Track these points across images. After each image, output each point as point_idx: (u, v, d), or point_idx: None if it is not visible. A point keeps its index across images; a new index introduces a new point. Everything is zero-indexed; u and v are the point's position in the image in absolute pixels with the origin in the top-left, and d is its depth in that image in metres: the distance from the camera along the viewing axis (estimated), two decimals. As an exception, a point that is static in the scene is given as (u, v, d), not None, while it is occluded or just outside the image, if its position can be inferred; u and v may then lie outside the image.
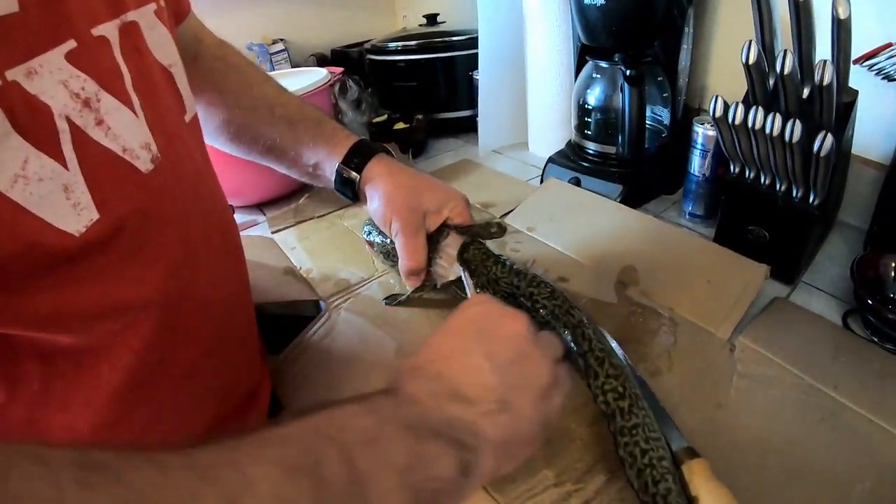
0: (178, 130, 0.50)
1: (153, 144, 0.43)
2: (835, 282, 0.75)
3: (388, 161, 0.69)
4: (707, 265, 0.73)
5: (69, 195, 0.36)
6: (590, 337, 0.54)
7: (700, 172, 0.88)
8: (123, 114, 0.41)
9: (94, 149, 0.38)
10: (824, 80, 0.60)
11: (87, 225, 0.37)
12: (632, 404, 0.49)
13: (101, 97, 0.39)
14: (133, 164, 0.42)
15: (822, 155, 0.62)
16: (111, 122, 0.40)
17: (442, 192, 0.69)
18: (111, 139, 0.40)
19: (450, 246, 0.67)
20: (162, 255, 0.44)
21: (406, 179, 0.67)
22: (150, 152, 0.43)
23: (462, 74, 1.36)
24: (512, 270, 0.62)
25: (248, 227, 1.05)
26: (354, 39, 1.69)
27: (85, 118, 0.38)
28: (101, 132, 0.39)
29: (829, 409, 0.55)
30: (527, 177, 1.14)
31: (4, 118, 0.32)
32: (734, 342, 0.63)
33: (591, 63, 1.01)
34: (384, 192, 0.66)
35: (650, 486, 0.45)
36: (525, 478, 0.50)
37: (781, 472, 0.49)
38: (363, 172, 0.68)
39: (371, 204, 0.68)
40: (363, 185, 0.68)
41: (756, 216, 0.76)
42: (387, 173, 0.68)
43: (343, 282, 0.80)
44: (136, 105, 0.42)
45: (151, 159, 0.43)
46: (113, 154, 0.40)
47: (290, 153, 0.71)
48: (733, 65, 0.97)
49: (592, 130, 1.02)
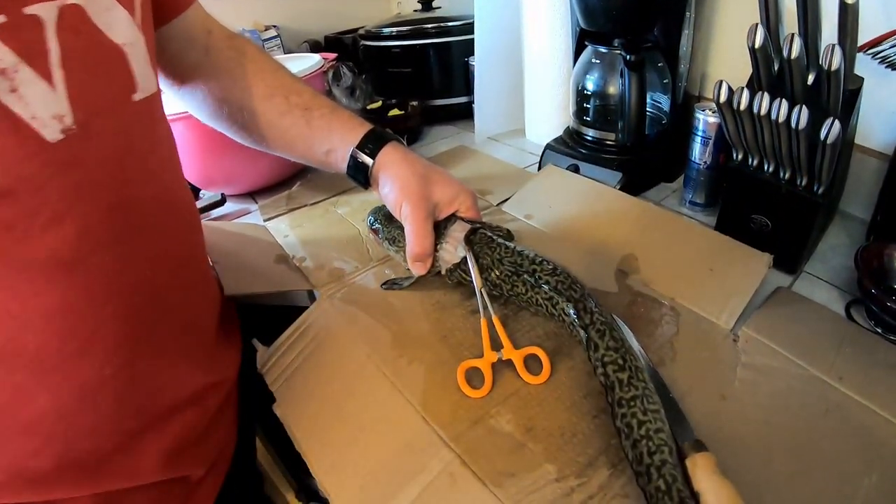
0: (116, 107, 0.50)
1: (68, 116, 0.44)
2: (837, 272, 0.74)
3: (403, 149, 0.71)
4: (709, 254, 0.72)
5: None
6: (591, 310, 0.56)
7: (701, 160, 0.87)
8: (39, 86, 0.42)
9: (2, 113, 0.40)
10: (832, 65, 0.58)
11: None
12: (631, 376, 0.50)
13: (20, 69, 0.41)
14: (39, 131, 0.43)
15: (829, 142, 0.61)
16: (25, 91, 0.41)
17: (453, 186, 0.71)
18: (22, 107, 0.41)
19: (456, 231, 0.69)
20: (59, 228, 0.44)
21: (420, 168, 0.69)
22: (61, 123, 0.44)
23: (458, 60, 1.35)
24: (515, 251, 0.64)
25: (241, 215, 1.03)
26: (348, 26, 1.67)
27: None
28: (14, 98, 0.41)
29: (835, 400, 0.54)
30: (524, 164, 1.13)
31: None
32: (737, 332, 0.62)
33: (590, 48, 0.99)
34: (398, 177, 0.68)
35: (644, 457, 0.45)
36: (526, 473, 0.48)
37: (787, 466, 0.48)
38: (377, 157, 0.69)
39: (383, 188, 0.69)
40: (377, 170, 0.70)
41: (758, 204, 0.75)
42: (401, 160, 0.69)
43: (337, 271, 0.79)
44: (56, 79, 0.44)
45: (62, 130, 0.44)
46: (20, 120, 0.42)
47: (304, 140, 0.73)
48: (735, 51, 0.96)
49: (591, 117, 1.01)
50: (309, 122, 0.72)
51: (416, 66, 1.36)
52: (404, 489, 0.48)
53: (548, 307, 0.61)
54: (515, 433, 0.52)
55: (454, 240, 0.68)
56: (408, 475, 0.49)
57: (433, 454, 0.51)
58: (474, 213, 0.71)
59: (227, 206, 1.06)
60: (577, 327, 0.57)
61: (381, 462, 0.51)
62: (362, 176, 0.71)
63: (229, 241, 0.85)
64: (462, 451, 0.51)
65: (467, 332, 0.64)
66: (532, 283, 0.62)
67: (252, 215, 1.02)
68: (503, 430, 0.52)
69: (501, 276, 0.64)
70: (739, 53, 0.64)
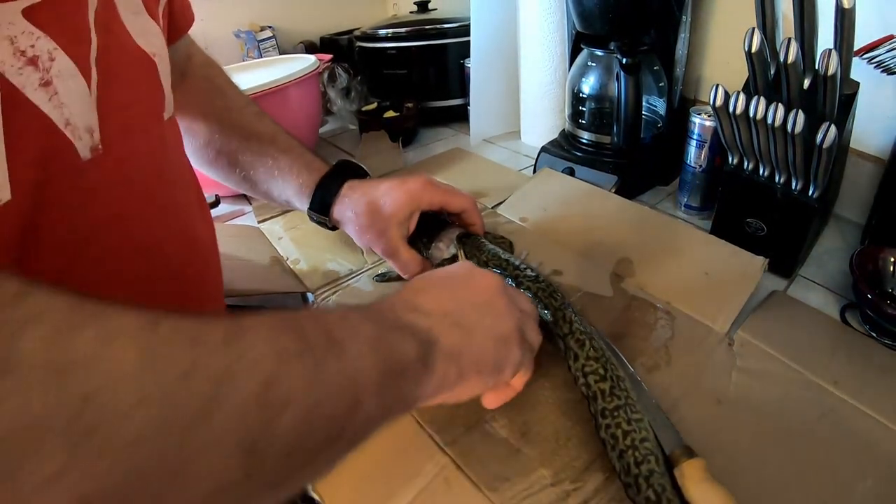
0: (145, 126, 0.45)
1: (97, 132, 0.38)
2: (832, 276, 0.74)
3: (350, 194, 0.68)
4: (704, 257, 0.71)
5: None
6: (570, 319, 0.55)
7: (696, 163, 0.87)
8: (78, 83, 0.36)
9: (27, 114, 0.33)
10: (829, 69, 0.58)
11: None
12: (613, 386, 0.49)
13: (57, 57, 0.34)
14: (74, 143, 0.36)
15: (825, 147, 0.61)
16: (60, 86, 0.34)
17: (400, 193, 0.67)
18: (55, 106, 0.34)
19: (451, 233, 0.70)
20: (87, 267, 0.39)
21: (366, 207, 0.67)
22: (91, 139, 0.37)
23: (453, 62, 1.34)
24: (502, 257, 0.65)
25: (235, 216, 1.02)
26: (344, 27, 1.67)
27: (26, 77, 0.33)
28: (44, 96, 0.34)
29: (829, 405, 0.54)
30: (519, 167, 1.13)
31: None
32: (732, 336, 0.62)
33: (585, 51, 0.99)
34: (354, 229, 0.68)
35: (632, 468, 0.44)
36: (521, 477, 0.48)
37: (782, 470, 0.48)
38: (331, 214, 0.69)
39: (352, 235, 0.70)
40: (336, 224, 0.71)
41: (754, 208, 0.75)
42: (351, 209, 0.68)
43: (331, 273, 0.79)
44: (93, 81, 0.37)
45: (91, 148, 0.37)
46: (51, 124, 0.35)
47: (262, 186, 0.71)
48: (730, 56, 0.96)
49: (587, 119, 1.01)
50: (265, 167, 0.70)
51: (411, 67, 1.36)
52: (399, 493, 0.48)
53: None
54: (510, 438, 0.52)
55: (448, 240, 0.69)
56: (402, 479, 0.49)
57: (428, 458, 0.51)
58: (475, 219, 0.70)
59: (222, 207, 1.05)
60: (554, 335, 0.56)
61: (375, 466, 0.51)
62: (328, 228, 0.72)
63: (223, 243, 0.85)
64: (457, 456, 0.50)
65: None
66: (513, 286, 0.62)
67: (246, 217, 1.02)
68: (498, 435, 0.52)
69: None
70: (735, 57, 0.64)
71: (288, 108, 1.05)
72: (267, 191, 0.71)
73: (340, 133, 1.40)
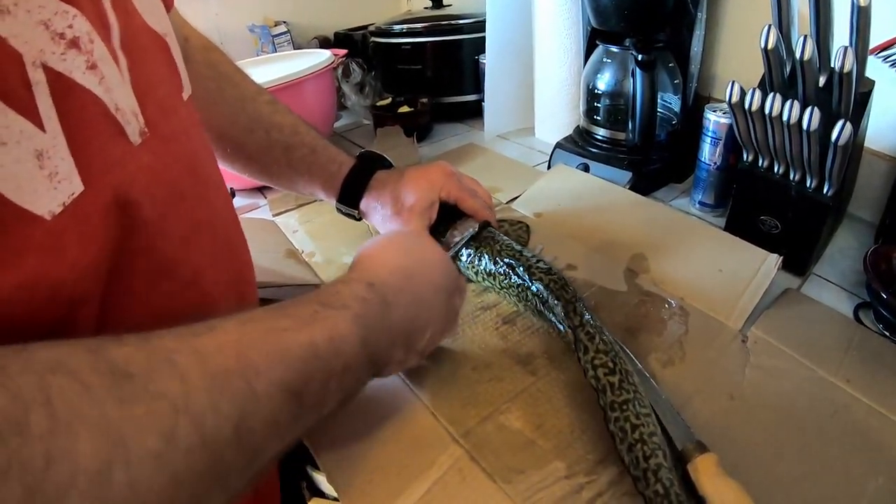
0: (175, 106, 0.43)
1: (140, 115, 0.36)
2: (846, 274, 0.74)
3: (376, 186, 0.72)
4: (718, 254, 0.72)
5: (43, 163, 0.28)
6: (581, 312, 0.57)
7: (711, 161, 0.87)
8: (112, 68, 0.33)
9: (81, 100, 0.31)
10: (845, 67, 0.58)
11: (66, 202, 0.29)
12: (622, 380, 0.50)
13: (94, 39, 0.32)
14: (124, 127, 0.34)
15: (840, 144, 0.61)
16: (105, 70, 0.32)
17: (422, 183, 0.72)
18: (105, 90, 0.32)
19: (466, 223, 0.73)
20: (149, 254, 0.37)
21: (391, 198, 0.71)
22: (137, 122, 0.36)
23: (468, 58, 1.34)
24: (516, 249, 0.67)
25: (250, 210, 1.03)
26: (358, 22, 1.67)
27: (71, 62, 0.30)
28: (94, 78, 0.31)
29: (842, 402, 0.54)
30: (533, 163, 1.13)
31: None
32: (746, 333, 0.62)
33: (601, 47, 0.99)
34: (378, 219, 0.73)
35: (641, 462, 0.45)
36: (535, 469, 0.48)
37: (794, 467, 0.48)
38: (359, 206, 0.73)
39: (376, 225, 0.75)
40: (362, 215, 0.75)
41: (768, 205, 0.75)
42: (377, 200, 0.72)
43: (346, 266, 0.78)
44: (121, 64, 0.35)
45: (139, 132, 0.36)
46: (105, 109, 0.33)
47: (286, 180, 0.73)
48: (746, 53, 0.96)
49: (601, 116, 1.01)
50: (290, 162, 0.70)
51: (425, 63, 1.36)
52: (413, 485, 0.48)
53: (537, 303, 0.62)
54: (525, 430, 0.52)
55: (463, 228, 0.72)
56: (416, 471, 0.49)
57: (442, 450, 0.51)
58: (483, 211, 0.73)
59: (237, 200, 1.05)
60: (566, 328, 0.57)
61: (389, 457, 0.51)
62: (354, 219, 0.76)
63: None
64: (471, 447, 0.51)
65: (476, 326, 0.65)
66: (526, 279, 0.63)
67: (261, 210, 1.02)
68: (513, 427, 0.52)
69: (497, 268, 0.67)
70: (750, 55, 0.64)
71: (303, 102, 1.06)
72: (291, 184, 0.73)
73: (354, 128, 1.41)
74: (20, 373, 0.24)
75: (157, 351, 0.29)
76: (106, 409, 0.25)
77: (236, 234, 0.53)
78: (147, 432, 0.26)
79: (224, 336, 0.33)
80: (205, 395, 0.29)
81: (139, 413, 0.26)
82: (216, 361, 0.31)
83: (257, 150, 0.69)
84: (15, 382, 0.23)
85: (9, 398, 0.23)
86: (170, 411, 0.27)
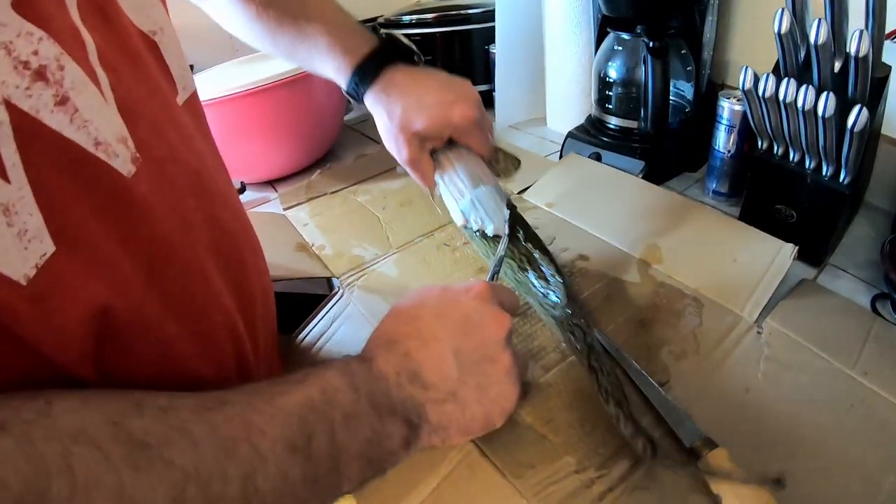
0: (170, 117, 0.40)
1: (130, 140, 0.32)
2: (862, 265, 0.73)
3: (388, 91, 0.64)
4: (733, 244, 0.71)
5: (11, 219, 0.25)
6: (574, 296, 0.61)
7: (725, 149, 0.86)
8: (91, 92, 0.30)
9: (50, 144, 0.27)
10: (860, 51, 0.57)
11: (39, 264, 0.27)
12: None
13: (65, 64, 0.28)
14: (110, 164, 0.30)
15: (857, 130, 0.60)
16: (79, 101, 0.28)
17: (441, 116, 0.64)
18: (78, 127, 0.28)
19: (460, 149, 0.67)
20: (167, 286, 0.36)
21: (401, 115, 0.63)
22: (127, 149, 0.32)
23: (478, 48, 1.33)
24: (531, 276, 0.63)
25: (260, 204, 1.03)
26: (368, 14, 1.66)
27: (37, 99, 0.26)
28: (63, 117, 0.28)
29: (859, 396, 0.53)
30: (545, 153, 1.12)
31: None
32: (761, 325, 0.61)
33: (612, 35, 0.98)
34: (382, 128, 0.65)
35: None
36: (545, 464, 0.48)
37: (810, 461, 0.47)
38: (365, 98, 0.65)
39: (378, 129, 0.66)
40: (369, 106, 0.66)
41: (783, 194, 0.74)
42: (384, 107, 0.64)
43: (357, 258, 0.79)
44: (103, 84, 0.31)
45: (131, 160, 0.32)
46: (80, 151, 0.29)
47: (306, 63, 0.69)
48: (759, 39, 0.94)
49: (613, 105, 1.00)
50: (304, 40, 0.66)
51: (435, 53, 1.35)
52: (423, 480, 0.48)
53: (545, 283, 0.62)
54: (535, 424, 0.52)
55: (457, 153, 0.67)
56: (426, 466, 0.49)
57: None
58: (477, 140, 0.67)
59: (247, 194, 1.06)
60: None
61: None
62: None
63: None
64: (481, 442, 0.50)
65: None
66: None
67: (271, 204, 1.02)
68: (523, 422, 0.52)
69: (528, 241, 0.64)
70: (763, 41, 0.62)
71: (312, 94, 1.05)
72: (308, 61, 0.68)
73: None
74: (44, 440, 0.25)
75: (173, 422, 0.31)
76: (122, 475, 0.27)
77: (248, 244, 0.52)
78: (158, 495, 0.28)
79: (232, 409, 0.34)
80: (213, 461, 0.31)
81: (152, 479, 0.28)
82: (225, 430, 0.32)
83: (284, 33, 0.66)
84: (39, 450, 0.25)
85: (32, 467, 0.24)
86: (180, 477, 0.29)
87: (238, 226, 0.49)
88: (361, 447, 0.39)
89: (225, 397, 0.35)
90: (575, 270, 0.72)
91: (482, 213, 0.63)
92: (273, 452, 0.34)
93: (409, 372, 0.44)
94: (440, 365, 0.45)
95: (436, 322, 0.47)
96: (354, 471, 0.39)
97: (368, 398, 0.41)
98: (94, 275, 0.30)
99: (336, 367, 0.41)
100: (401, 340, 0.46)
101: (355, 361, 0.44)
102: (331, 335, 0.67)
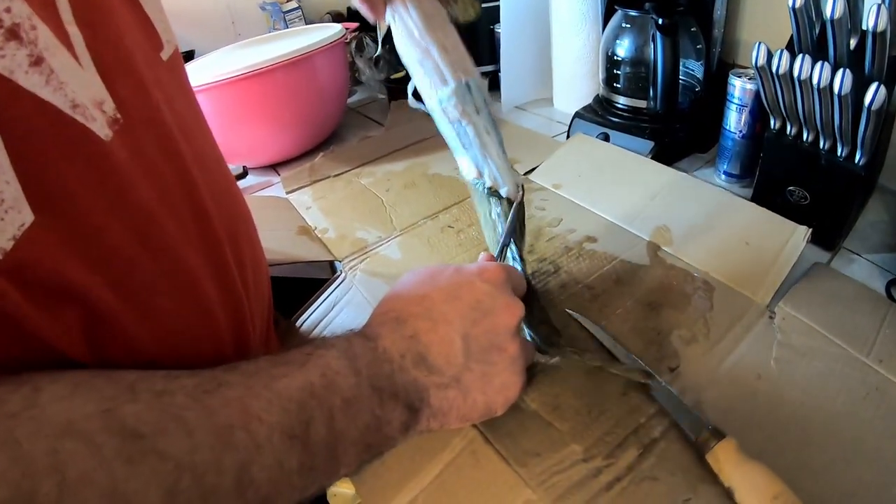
0: (153, 74, 0.38)
1: (108, 102, 0.31)
2: (877, 249, 0.71)
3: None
4: (744, 226, 0.69)
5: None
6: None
7: (736, 129, 0.83)
8: (63, 55, 0.28)
9: (27, 106, 0.26)
10: (878, 26, 0.55)
11: (17, 235, 0.25)
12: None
13: (37, 25, 0.26)
14: (88, 126, 0.29)
15: (874, 109, 0.58)
16: (54, 63, 0.27)
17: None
18: (55, 89, 0.27)
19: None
20: (152, 256, 0.34)
21: None
22: (103, 113, 0.30)
23: (483, 28, 1.31)
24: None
25: (263, 187, 1.02)
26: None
27: (11, 59, 0.25)
28: (39, 78, 0.26)
29: (874, 384, 0.51)
30: (552, 133, 1.10)
31: None
32: (774, 309, 0.59)
33: (620, 12, 0.95)
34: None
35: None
36: (551, 452, 0.47)
37: (824, 450, 0.46)
38: None
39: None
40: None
41: (797, 176, 0.72)
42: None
43: (360, 241, 0.78)
44: (77, 47, 0.29)
45: (109, 122, 0.31)
46: (58, 113, 0.28)
47: None
48: (771, 17, 0.92)
49: (622, 84, 0.97)
50: None
51: (440, 34, 1.33)
52: (425, 467, 0.47)
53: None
54: (541, 411, 0.51)
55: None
56: (429, 453, 0.48)
57: (455, 431, 0.50)
58: None
59: (250, 178, 1.05)
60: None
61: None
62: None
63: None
64: (485, 429, 0.50)
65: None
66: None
67: (274, 188, 1.01)
68: (528, 409, 0.51)
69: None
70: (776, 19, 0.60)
71: (315, 77, 1.04)
72: None
73: (369, 102, 1.39)
74: (31, 438, 0.24)
75: (168, 408, 0.30)
76: (114, 470, 0.26)
77: (242, 211, 0.51)
78: (151, 489, 0.27)
79: (230, 392, 0.33)
80: (209, 452, 0.30)
81: (146, 473, 0.27)
82: (222, 416, 0.32)
83: None
84: (26, 451, 0.24)
85: (19, 472, 0.23)
86: (174, 469, 0.28)
87: (220, 188, 0.47)
88: (360, 433, 0.39)
89: (223, 378, 0.34)
90: (583, 252, 0.70)
91: (494, 171, 0.62)
92: (270, 441, 0.33)
93: (415, 354, 0.43)
94: (448, 349, 0.44)
95: (447, 304, 0.46)
96: (352, 456, 0.39)
97: (370, 381, 0.40)
98: (78, 247, 0.29)
99: (338, 347, 0.41)
100: (409, 320, 0.45)
101: (359, 340, 0.43)
102: (331, 319, 0.66)
